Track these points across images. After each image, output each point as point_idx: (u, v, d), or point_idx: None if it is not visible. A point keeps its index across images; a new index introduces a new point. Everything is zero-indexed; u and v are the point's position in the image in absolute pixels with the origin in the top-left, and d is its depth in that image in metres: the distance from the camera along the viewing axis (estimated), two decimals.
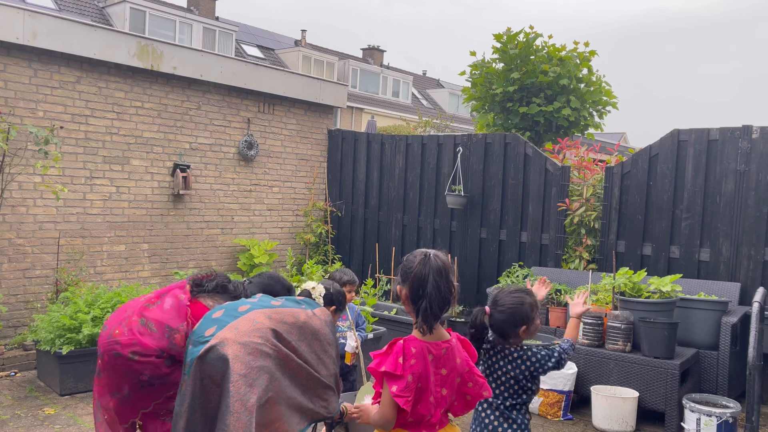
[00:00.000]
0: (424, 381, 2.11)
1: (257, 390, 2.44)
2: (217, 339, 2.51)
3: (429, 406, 2.13)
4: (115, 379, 2.85)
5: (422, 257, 2.15)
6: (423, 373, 2.10)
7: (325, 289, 3.49)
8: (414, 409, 2.11)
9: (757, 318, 3.87)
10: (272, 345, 2.55)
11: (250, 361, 2.46)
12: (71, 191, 5.93)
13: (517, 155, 6.72)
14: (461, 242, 7.10)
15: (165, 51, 6.44)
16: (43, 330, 4.83)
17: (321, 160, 8.29)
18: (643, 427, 4.65)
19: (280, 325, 2.65)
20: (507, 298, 2.65)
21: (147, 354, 2.78)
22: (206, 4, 25.56)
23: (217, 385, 2.48)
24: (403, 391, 2.06)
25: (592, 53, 9.02)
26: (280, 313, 2.71)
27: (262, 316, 2.62)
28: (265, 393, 2.50)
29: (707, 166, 5.62)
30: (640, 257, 5.92)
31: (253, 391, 2.43)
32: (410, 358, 2.10)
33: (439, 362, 2.14)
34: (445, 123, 17.73)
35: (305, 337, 2.77)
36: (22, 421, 4.25)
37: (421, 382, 2.10)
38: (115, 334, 2.90)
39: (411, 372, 2.08)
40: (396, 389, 2.06)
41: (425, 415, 2.14)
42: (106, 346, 2.90)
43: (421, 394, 2.11)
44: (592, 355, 4.82)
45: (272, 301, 2.84)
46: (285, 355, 2.58)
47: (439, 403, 2.16)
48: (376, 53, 32.02)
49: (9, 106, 5.49)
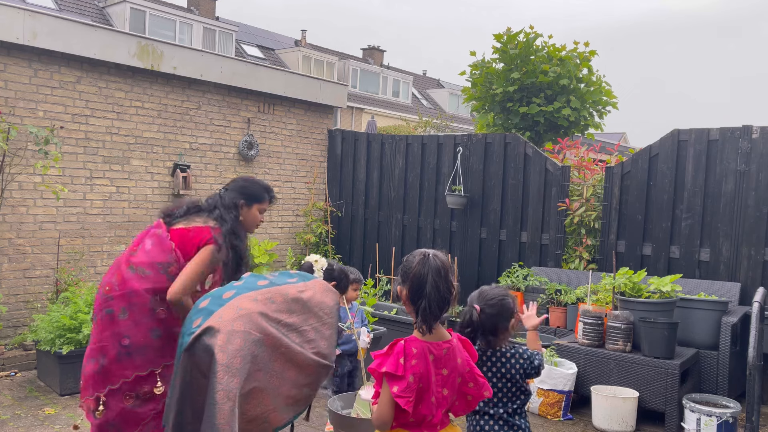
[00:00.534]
0: (425, 381, 2.10)
1: (239, 379, 2.43)
2: (202, 329, 2.51)
3: (430, 406, 2.13)
4: (100, 342, 2.91)
5: (421, 257, 2.16)
6: (424, 374, 2.10)
7: (329, 265, 3.49)
8: (415, 409, 2.11)
9: (757, 318, 3.87)
10: (259, 330, 2.53)
11: (233, 350, 2.45)
12: (71, 191, 5.93)
13: (517, 155, 6.72)
14: (461, 242, 7.11)
15: (165, 51, 6.44)
16: (43, 330, 4.83)
17: (321, 160, 8.29)
18: (643, 427, 4.65)
19: (267, 306, 2.63)
20: (493, 291, 2.64)
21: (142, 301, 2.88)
22: (206, 4, 25.56)
23: (204, 376, 2.49)
24: (404, 392, 2.06)
25: (592, 53, 9.03)
26: (268, 293, 2.69)
27: (246, 301, 2.61)
28: (249, 383, 2.48)
29: (707, 166, 5.63)
30: (640, 257, 5.92)
31: (234, 381, 2.42)
32: (411, 358, 2.09)
33: (440, 363, 2.14)
34: (445, 123, 17.73)
35: (297, 311, 2.73)
36: (22, 421, 4.25)
37: (423, 383, 2.10)
38: (106, 291, 2.96)
39: (412, 372, 2.08)
40: (397, 390, 2.06)
41: (427, 415, 2.14)
42: (100, 305, 2.97)
43: (422, 395, 2.11)
44: (592, 355, 4.82)
45: (259, 282, 2.80)
46: (273, 339, 2.56)
47: (440, 404, 2.15)
48: (376, 53, 32.02)
49: (9, 106, 5.49)
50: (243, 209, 3.20)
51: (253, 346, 2.49)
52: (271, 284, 2.77)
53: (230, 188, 3.24)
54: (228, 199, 3.17)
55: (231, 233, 3.06)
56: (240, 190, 3.23)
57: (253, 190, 3.27)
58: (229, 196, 3.19)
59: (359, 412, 3.41)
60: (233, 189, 3.23)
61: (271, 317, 2.61)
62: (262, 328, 2.54)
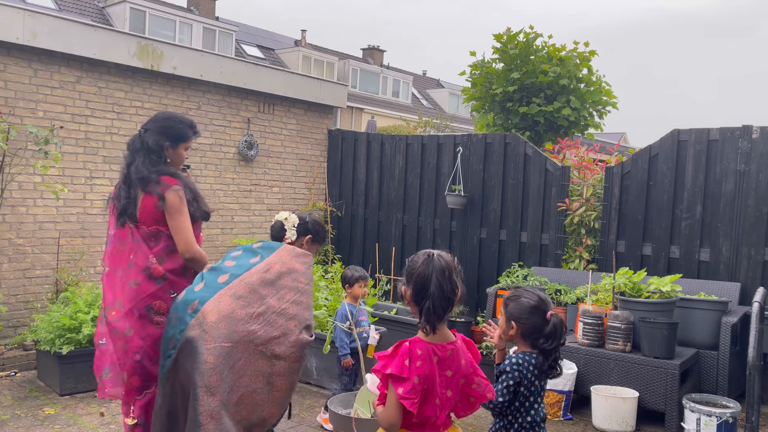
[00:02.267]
0: (430, 383, 2.10)
1: (219, 397, 2.43)
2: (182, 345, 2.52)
3: (434, 407, 2.13)
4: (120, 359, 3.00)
5: (426, 257, 2.16)
6: (429, 375, 2.09)
7: (300, 219, 3.28)
8: (420, 411, 2.10)
9: (757, 318, 3.87)
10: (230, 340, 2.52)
11: (208, 369, 2.45)
12: (71, 191, 5.93)
13: (517, 155, 6.71)
14: (461, 242, 7.10)
15: (165, 51, 6.44)
16: (43, 330, 4.83)
17: (321, 160, 8.29)
18: (643, 427, 4.65)
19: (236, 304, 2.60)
20: (527, 290, 2.60)
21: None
22: (206, 4, 25.57)
23: (186, 396, 2.50)
24: (409, 393, 2.05)
25: (592, 53, 9.02)
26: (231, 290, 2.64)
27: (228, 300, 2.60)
28: (235, 393, 2.48)
29: (707, 166, 5.62)
30: (640, 257, 5.92)
31: (215, 399, 2.43)
32: (416, 360, 2.08)
33: (445, 364, 2.14)
34: (445, 123, 17.73)
35: (269, 294, 2.68)
36: (22, 421, 4.25)
37: (428, 384, 2.09)
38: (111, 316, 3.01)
39: (417, 374, 2.07)
40: (402, 391, 2.05)
41: (431, 416, 2.13)
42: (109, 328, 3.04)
43: (426, 396, 2.10)
44: (592, 355, 4.82)
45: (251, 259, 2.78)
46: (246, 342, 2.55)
47: (444, 405, 2.15)
48: (376, 53, 32.02)
49: (9, 106, 5.49)
50: (168, 151, 3.08)
51: (228, 359, 2.48)
52: (233, 276, 2.72)
53: (151, 129, 3.08)
54: (153, 143, 3.03)
55: (171, 174, 3.05)
56: (163, 131, 3.08)
57: (177, 130, 3.11)
58: (152, 138, 3.04)
59: (359, 412, 3.40)
60: (155, 130, 3.07)
61: (241, 318, 2.57)
62: (232, 336, 2.52)
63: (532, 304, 2.50)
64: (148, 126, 3.10)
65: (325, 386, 5.22)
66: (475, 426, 4.56)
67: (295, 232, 3.23)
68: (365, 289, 4.35)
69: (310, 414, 4.68)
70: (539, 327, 2.48)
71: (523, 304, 2.50)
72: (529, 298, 2.51)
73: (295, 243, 3.22)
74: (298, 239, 3.24)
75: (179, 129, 3.12)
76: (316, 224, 3.35)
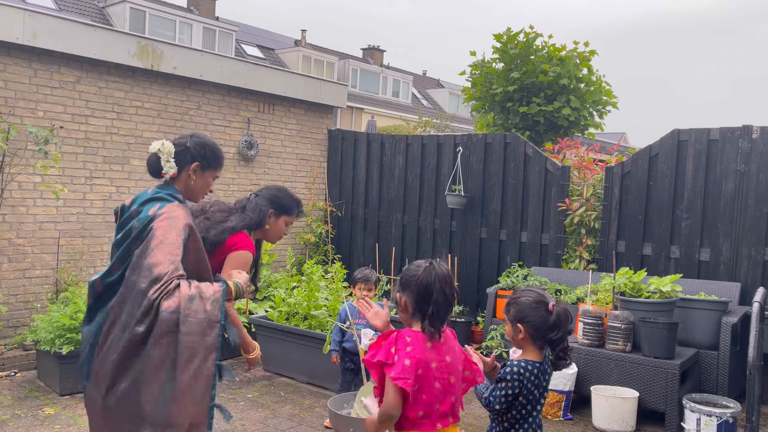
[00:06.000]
0: (423, 367, 2.14)
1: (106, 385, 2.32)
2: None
3: (434, 392, 2.16)
4: None
5: (427, 265, 2.25)
6: (422, 359, 2.14)
7: (177, 145, 2.53)
8: (418, 396, 2.14)
9: (757, 318, 3.87)
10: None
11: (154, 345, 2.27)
12: (71, 191, 5.93)
13: (517, 155, 6.71)
14: (461, 242, 7.10)
15: (165, 51, 6.44)
16: (43, 330, 4.83)
17: (321, 160, 8.29)
18: (643, 427, 4.65)
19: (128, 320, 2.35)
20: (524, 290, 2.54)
21: None
22: (206, 4, 25.57)
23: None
24: (401, 373, 2.10)
25: (592, 53, 9.02)
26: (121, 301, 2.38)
27: None
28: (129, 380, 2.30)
29: (707, 166, 5.62)
30: (640, 257, 5.92)
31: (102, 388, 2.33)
32: (405, 346, 2.15)
33: (441, 350, 2.21)
34: (445, 123, 17.72)
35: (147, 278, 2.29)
36: (22, 421, 4.25)
37: (421, 369, 2.14)
38: None
39: (407, 357, 2.12)
40: (394, 374, 2.11)
41: (432, 402, 2.16)
42: None
43: (423, 382, 2.14)
44: (592, 355, 4.82)
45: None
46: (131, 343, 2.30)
47: (448, 391, 2.20)
48: (376, 53, 32.02)
49: (9, 106, 5.49)
50: (270, 219, 3.15)
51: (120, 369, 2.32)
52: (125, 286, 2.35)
53: (261, 194, 3.16)
54: (257, 206, 3.09)
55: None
56: (271, 198, 3.16)
57: (284, 202, 3.19)
58: (258, 202, 3.11)
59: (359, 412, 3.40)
60: (264, 196, 3.15)
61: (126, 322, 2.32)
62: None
63: (533, 300, 2.47)
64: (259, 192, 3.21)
65: (326, 386, 5.22)
66: (475, 426, 4.57)
67: (174, 164, 2.51)
68: (364, 292, 4.33)
69: (310, 414, 4.68)
70: (545, 321, 2.41)
71: (523, 303, 2.48)
72: (527, 296, 2.50)
73: (181, 176, 2.56)
74: (184, 170, 2.55)
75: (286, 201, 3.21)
76: (200, 146, 2.56)
